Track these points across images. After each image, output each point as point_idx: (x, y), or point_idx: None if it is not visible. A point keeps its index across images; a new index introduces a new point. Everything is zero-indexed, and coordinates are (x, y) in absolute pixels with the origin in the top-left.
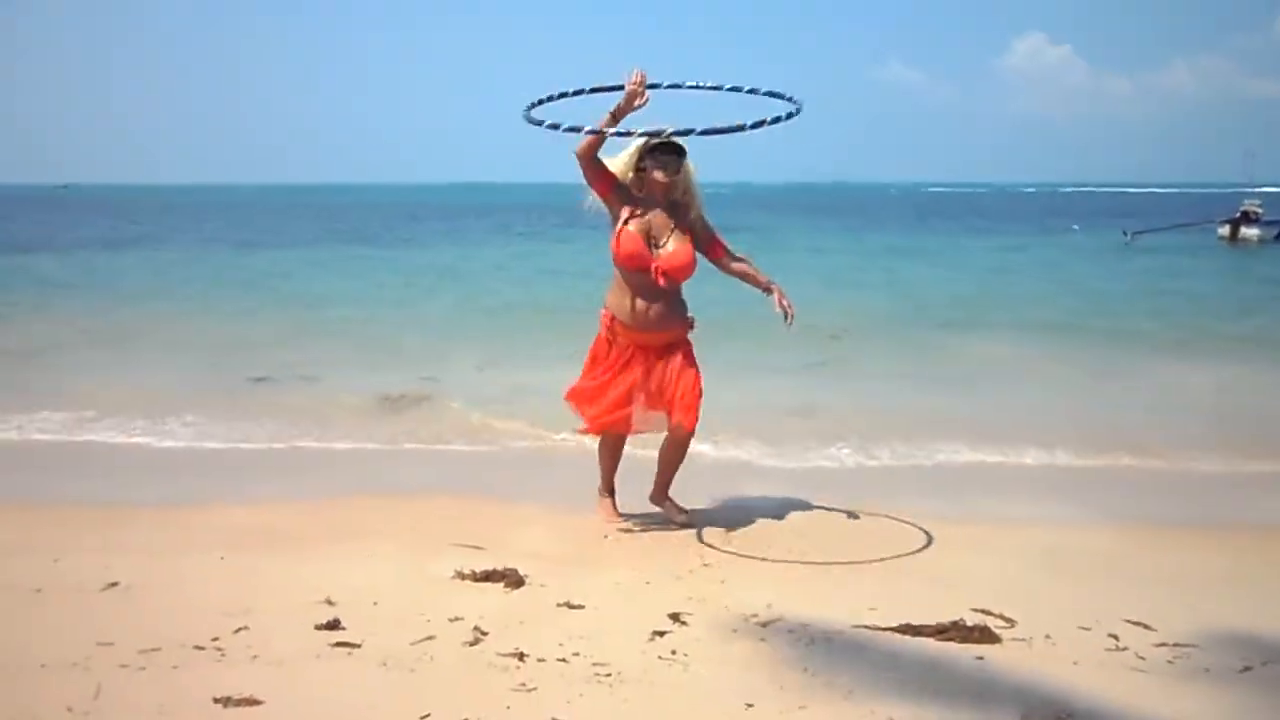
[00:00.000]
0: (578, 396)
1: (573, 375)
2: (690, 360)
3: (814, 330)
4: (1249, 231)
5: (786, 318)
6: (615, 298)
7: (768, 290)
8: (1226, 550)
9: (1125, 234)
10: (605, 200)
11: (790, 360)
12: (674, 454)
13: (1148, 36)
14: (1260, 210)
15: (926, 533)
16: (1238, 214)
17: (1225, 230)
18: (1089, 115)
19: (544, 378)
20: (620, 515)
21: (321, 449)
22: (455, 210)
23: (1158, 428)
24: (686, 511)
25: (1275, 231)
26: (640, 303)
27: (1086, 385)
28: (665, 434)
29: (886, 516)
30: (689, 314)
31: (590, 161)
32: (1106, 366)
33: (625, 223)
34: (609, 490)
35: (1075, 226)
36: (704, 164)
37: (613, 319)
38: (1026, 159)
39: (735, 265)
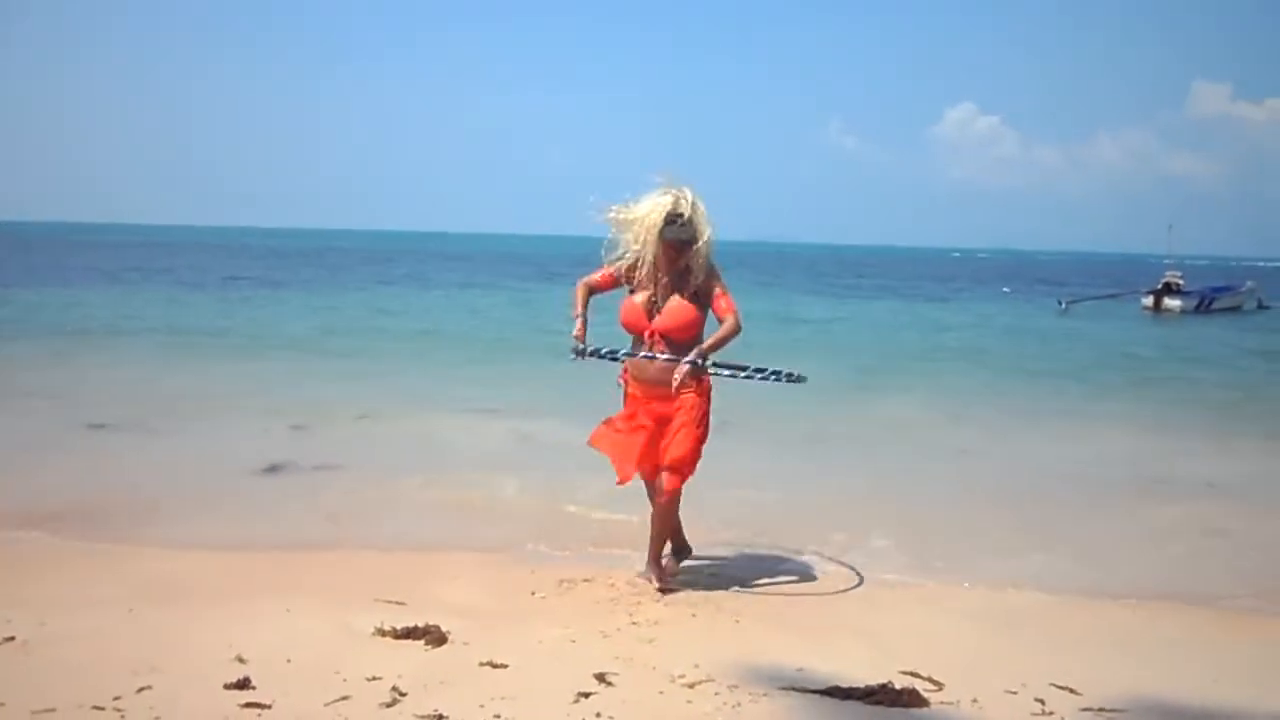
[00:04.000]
0: (600, 440)
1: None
2: (692, 419)
3: None
4: (1171, 303)
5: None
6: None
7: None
8: (1156, 618)
9: (1060, 303)
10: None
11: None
12: (656, 519)
13: (1075, 110)
14: (1181, 281)
15: (858, 574)
16: (1160, 285)
17: (1149, 300)
18: (1021, 185)
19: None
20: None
21: (249, 491)
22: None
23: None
24: (667, 582)
25: (1195, 302)
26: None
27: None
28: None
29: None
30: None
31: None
32: None
33: (631, 294)
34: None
35: (1006, 289)
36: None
37: (627, 374)
38: (955, 224)
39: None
